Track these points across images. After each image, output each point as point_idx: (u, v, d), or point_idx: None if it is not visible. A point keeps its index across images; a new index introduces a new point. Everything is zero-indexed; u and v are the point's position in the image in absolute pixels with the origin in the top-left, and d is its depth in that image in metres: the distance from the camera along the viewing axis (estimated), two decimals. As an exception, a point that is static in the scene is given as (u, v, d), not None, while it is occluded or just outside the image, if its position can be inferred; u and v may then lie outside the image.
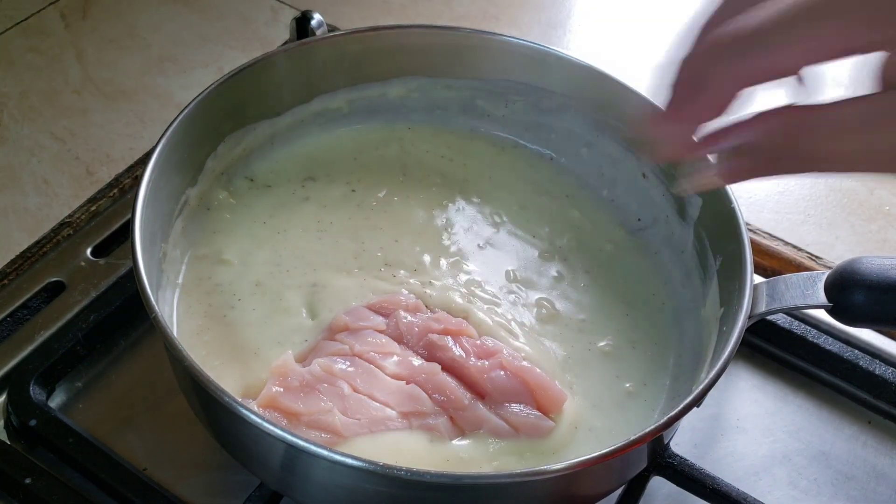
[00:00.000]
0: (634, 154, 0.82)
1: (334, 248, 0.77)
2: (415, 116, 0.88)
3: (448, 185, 0.84)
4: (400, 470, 0.54)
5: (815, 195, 1.01)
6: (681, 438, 0.75)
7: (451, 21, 1.18)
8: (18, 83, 1.06)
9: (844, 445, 0.77)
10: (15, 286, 0.81)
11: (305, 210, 0.80)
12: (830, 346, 0.80)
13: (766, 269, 0.89)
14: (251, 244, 0.77)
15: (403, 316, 0.69)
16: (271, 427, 0.55)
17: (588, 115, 0.84)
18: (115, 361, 0.77)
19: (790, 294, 0.66)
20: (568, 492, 0.62)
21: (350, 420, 0.63)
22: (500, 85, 0.86)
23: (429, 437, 0.64)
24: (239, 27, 1.15)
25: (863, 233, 0.98)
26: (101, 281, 0.81)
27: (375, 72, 0.85)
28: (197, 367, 0.57)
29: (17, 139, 1.00)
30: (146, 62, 1.10)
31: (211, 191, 0.79)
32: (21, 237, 0.89)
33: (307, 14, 0.84)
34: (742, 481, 0.72)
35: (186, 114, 0.72)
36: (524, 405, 0.66)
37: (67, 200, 0.93)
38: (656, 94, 0.67)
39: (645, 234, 0.82)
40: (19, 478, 0.67)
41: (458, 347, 0.68)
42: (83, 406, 0.74)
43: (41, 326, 0.77)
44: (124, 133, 1.01)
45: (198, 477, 0.70)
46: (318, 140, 0.86)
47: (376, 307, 0.71)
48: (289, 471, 0.60)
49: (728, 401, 0.79)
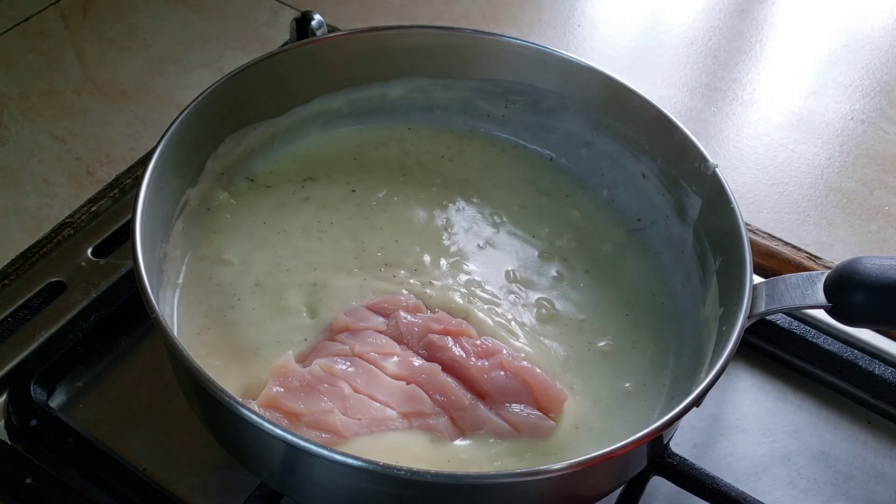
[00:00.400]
0: (634, 154, 0.82)
1: (334, 248, 0.77)
2: (415, 117, 0.88)
3: (448, 186, 0.84)
4: (400, 470, 0.54)
5: (815, 195, 1.01)
6: (680, 438, 0.75)
7: (451, 21, 1.18)
8: (19, 83, 1.06)
9: (844, 445, 0.77)
10: (15, 286, 0.81)
11: (305, 210, 0.80)
12: (830, 346, 0.80)
13: (766, 269, 0.89)
14: (251, 244, 0.77)
15: (403, 316, 0.70)
16: (271, 427, 0.55)
17: (588, 115, 0.84)
18: (116, 361, 0.77)
19: (790, 294, 0.66)
20: (568, 491, 0.62)
21: (351, 420, 0.63)
22: (499, 85, 0.86)
23: (430, 437, 0.64)
24: (239, 28, 1.15)
25: (862, 233, 0.98)
26: (101, 281, 0.81)
27: (375, 72, 0.85)
28: (197, 366, 0.57)
29: (17, 139, 1.00)
30: (146, 62, 1.10)
31: (211, 191, 0.79)
32: (21, 237, 0.89)
33: (307, 14, 0.84)
34: (742, 481, 0.72)
35: (187, 114, 0.72)
36: (525, 405, 0.67)
37: (68, 200, 0.93)
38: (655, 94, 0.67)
39: (645, 235, 0.82)
40: (20, 477, 0.67)
41: (458, 347, 0.68)
42: (83, 406, 0.74)
43: (42, 326, 0.77)
44: (124, 133, 1.01)
45: (198, 476, 0.70)
46: (318, 140, 0.86)
47: (376, 307, 0.71)
48: (289, 470, 0.60)
49: (728, 401, 0.79)
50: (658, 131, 0.79)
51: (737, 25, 1.23)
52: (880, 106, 1.13)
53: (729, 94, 1.13)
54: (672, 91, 1.13)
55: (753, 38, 1.22)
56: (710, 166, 0.74)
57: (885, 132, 1.09)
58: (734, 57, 1.19)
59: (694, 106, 1.11)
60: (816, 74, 1.17)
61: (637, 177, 0.82)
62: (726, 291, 0.69)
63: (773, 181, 1.02)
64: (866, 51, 1.21)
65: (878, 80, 1.16)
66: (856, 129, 1.10)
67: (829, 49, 1.21)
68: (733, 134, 1.09)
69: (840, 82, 1.16)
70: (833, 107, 1.12)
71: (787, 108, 1.12)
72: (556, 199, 0.84)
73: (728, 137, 1.08)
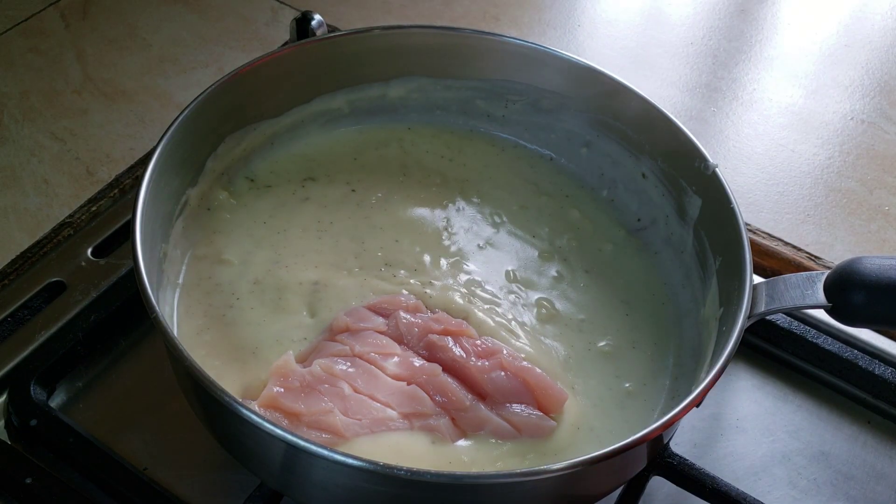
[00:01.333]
0: (634, 154, 0.82)
1: (334, 247, 0.77)
2: (415, 117, 0.88)
3: (448, 186, 0.84)
4: (400, 470, 0.54)
5: (815, 195, 1.01)
6: (680, 438, 0.75)
7: (450, 21, 1.18)
8: (19, 83, 1.06)
9: (844, 445, 0.77)
10: (15, 286, 0.81)
11: (305, 210, 0.80)
12: (830, 346, 0.80)
13: (766, 269, 0.89)
14: (251, 244, 0.77)
15: (403, 316, 0.70)
16: (271, 427, 0.55)
17: (588, 115, 0.84)
18: (116, 361, 0.77)
19: (790, 294, 0.66)
20: (568, 491, 0.62)
21: (351, 420, 0.63)
22: (499, 85, 0.86)
23: (431, 438, 0.64)
24: (239, 27, 1.15)
25: (862, 233, 0.98)
26: (101, 281, 0.81)
27: (375, 72, 0.85)
28: (197, 366, 0.57)
29: (17, 139, 1.00)
30: (146, 62, 1.10)
31: (211, 191, 0.79)
32: (21, 237, 0.89)
33: (307, 14, 0.84)
34: (742, 481, 0.72)
35: (187, 114, 0.72)
36: (525, 405, 0.67)
37: (68, 201, 0.93)
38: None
39: (645, 234, 0.82)
40: (20, 477, 0.67)
41: (458, 348, 0.68)
42: (83, 406, 0.74)
43: (42, 326, 0.77)
44: (124, 133, 1.01)
45: (198, 476, 0.70)
46: (318, 140, 0.86)
47: (376, 308, 0.71)
48: (289, 470, 0.60)
49: (728, 401, 0.79)
50: (658, 131, 0.79)
51: (737, 25, 1.23)
52: (880, 106, 1.13)
53: (729, 93, 1.13)
54: (672, 91, 1.13)
55: (753, 38, 1.22)
56: (710, 166, 0.74)
57: (885, 132, 1.09)
58: (734, 57, 1.19)
59: (694, 106, 1.11)
60: (816, 74, 1.17)
61: (637, 177, 0.82)
62: (726, 291, 0.69)
63: (773, 181, 1.02)
64: (866, 51, 1.21)
65: (878, 80, 1.16)
66: (856, 129, 1.10)
67: (829, 49, 1.21)
68: (733, 134, 1.09)
69: (840, 82, 1.16)
70: (833, 107, 1.12)
71: (787, 107, 1.12)
72: (556, 199, 0.84)
73: (728, 137, 1.08)
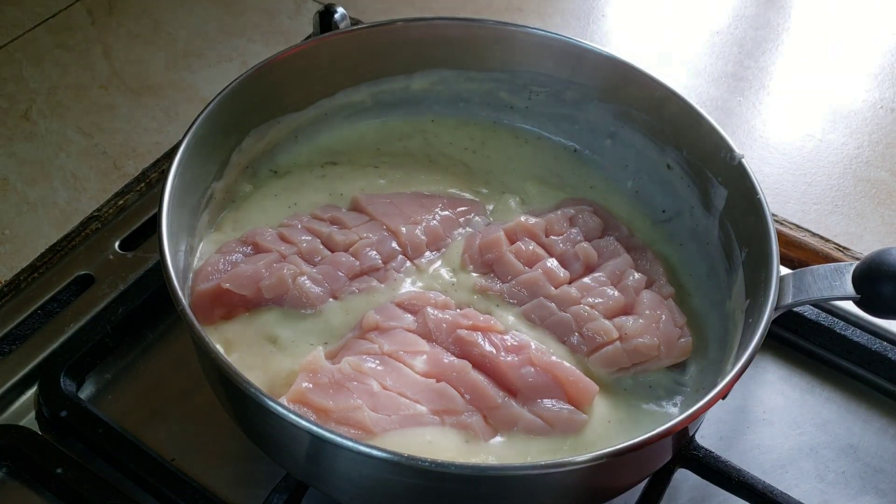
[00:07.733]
0: (659, 145, 0.81)
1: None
2: (438, 109, 0.88)
3: (471, 177, 0.84)
4: (424, 461, 0.54)
5: (843, 185, 1.00)
6: (706, 431, 0.75)
7: (473, 13, 1.18)
8: (46, 79, 1.07)
9: (873, 438, 0.76)
10: (45, 279, 0.82)
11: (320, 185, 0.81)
12: (858, 338, 0.79)
13: (793, 260, 0.88)
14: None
15: (431, 312, 0.69)
16: (297, 419, 0.55)
17: (612, 106, 0.83)
18: (144, 353, 0.78)
19: (817, 285, 0.65)
20: (593, 483, 0.62)
21: (380, 416, 0.63)
22: (522, 77, 0.86)
23: (464, 436, 0.63)
24: (263, 21, 1.16)
25: (892, 223, 0.96)
26: (129, 274, 0.82)
27: (398, 65, 0.85)
28: (224, 359, 0.58)
29: (45, 134, 1.01)
30: (171, 57, 1.10)
31: (236, 184, 0.80)
32: (50, 231, 0.90)
33: (330, 8, 0.84)
34: (768, 474, 0.71)
35: (212, 108, 0.73)
36: (556, 400, 0.66)
37: (95, 195, 0.94)
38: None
39: (670, 226, 0.81)
40: (50, 467, 0.68)
41: (487, 343, 0.68)
42: (112, 397, 0.75)
43: (71, 319, 0.79)
44: (150, 128, 1.02)
45: (225, 467, 0.71)
46: (341, 133, 0.86)
47: (405, 304, 0.71)
48: (315, 462, 0.61)
49: (754, 393, 0.79)
50: (683, 122, 0.78)
51: (763, 14, 1.22)
52: (910, 94, 1.11)
53: (755, 83, 1.12)
54: (697, 81, 1.12)
55: (780, 27, 1.20)
56: (735, 157, 0.73)
57: (916, 121, 1.08)
58: (760, 46, 1.17)
59: (719, 96, 1.10)
60: (845, 63, 1.15)
61: (662, 168, 0.82)
62: (752, 283, 0.69)
63: (801, 171, 1.01)
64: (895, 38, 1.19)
65: (908, 67, 1.14)
66: (885, 117, 1.08)
67: (857, 36, 1.19)
68: (759, 124, 1.07)
69: (869, 71, 1.14)
70: (862, 95, 1.11)
71: (815, 97, 1.11)
72: (580, 191, 0.84)
73: (754, 127, 1.07)
